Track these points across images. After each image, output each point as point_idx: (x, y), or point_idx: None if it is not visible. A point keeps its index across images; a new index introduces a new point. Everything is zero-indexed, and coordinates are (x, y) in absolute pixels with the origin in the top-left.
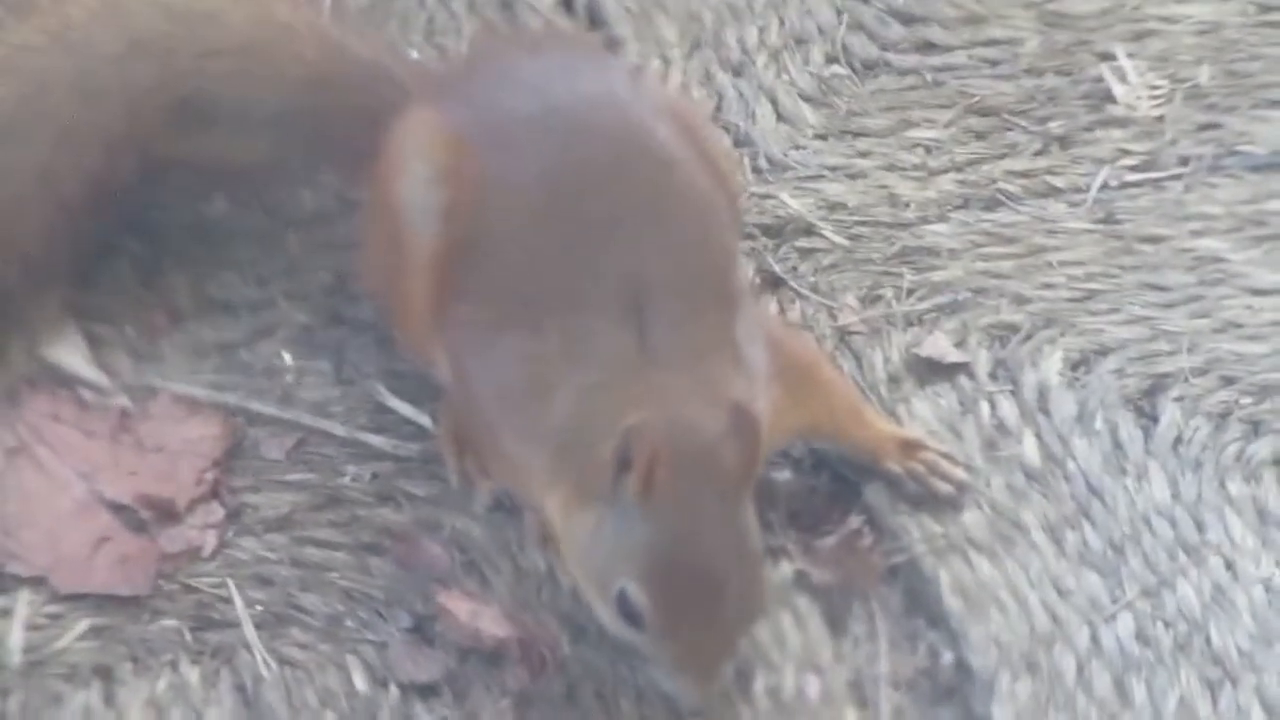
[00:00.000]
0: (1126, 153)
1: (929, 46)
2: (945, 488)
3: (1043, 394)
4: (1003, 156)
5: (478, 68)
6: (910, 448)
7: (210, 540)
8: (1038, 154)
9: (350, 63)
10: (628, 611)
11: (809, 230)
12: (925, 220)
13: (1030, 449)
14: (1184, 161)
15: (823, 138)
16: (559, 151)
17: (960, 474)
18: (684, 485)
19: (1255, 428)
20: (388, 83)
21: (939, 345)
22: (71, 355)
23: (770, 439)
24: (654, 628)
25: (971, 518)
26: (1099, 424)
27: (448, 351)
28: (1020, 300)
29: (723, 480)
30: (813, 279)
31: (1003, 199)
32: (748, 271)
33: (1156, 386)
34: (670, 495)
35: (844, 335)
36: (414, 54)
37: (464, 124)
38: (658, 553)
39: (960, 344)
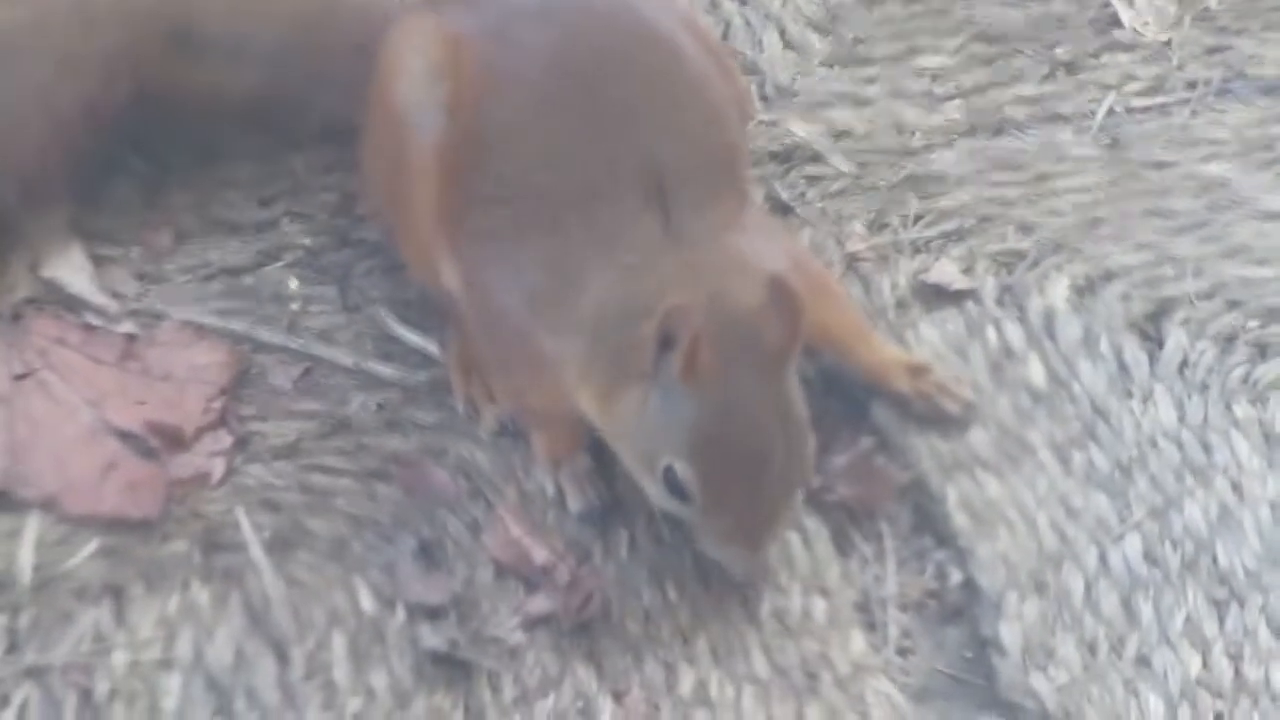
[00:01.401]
0: (1133, 78)
1: None
2: (953, 407)
3: (1049, 319)
4: (1009, 83)
5: None
6: (917, 371)
7: (219, 468)
8: (1044, 80)
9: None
10: (675, 488)
11: (816, 157)
12: (932, 147)
13: (1036, 372)
14: (1191, 86)
15: (829, 65)
16: (565, 42)
17: (967, 394)
18: (727, 362)
19: (1262, 350)
20: (380, 18)
21: (946, 271)
22: (76, 276)
23: None
24: (701, 503)
25: (978, 437)
26: (1104, 347)
27: (461, 265)
28: (1026, 227)
29: (765, 354)
30: (820, 206)
31: (1009, 126)
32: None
33: (1162, 310)
34: (713, 373)
35: (852, 262)
36: None
37: (462, 22)
38: (702, 430)
39: (967, 270)
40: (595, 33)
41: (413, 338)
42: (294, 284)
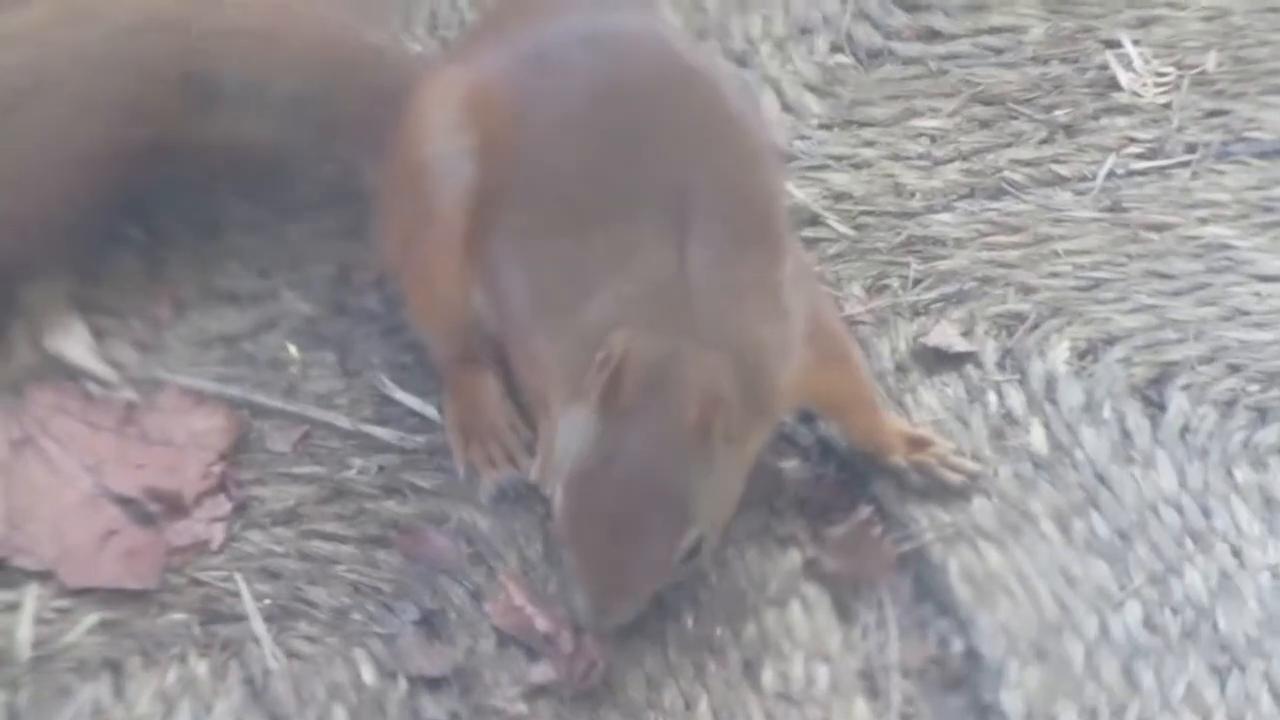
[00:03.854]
0: (1133, 140)
1: (933, 35)
2: (955, 478)
3: (1050, 383)
4: (1008, 145)
5: (510, 12)
6: (918, 444)
7: (217, 534)
8: (1043, 142)
9: (358, 47)
10: (551, 511)
11: (815, 220)
12: (931, 210)
13: (1038, 438)
14: (1191, 149)
15: (827, 127)
16: (607, 67)
17: (971, 466)
18: (643, 412)
19: (1262, 415)
20: (396, 67)
21: (946, 335)
22: (76, 347)
23: (791, 397)
24: (561, 531)
25: (979, 507)
26: (1106, 413)
27: (487, 268)
28: (1027, 289)
29: (681, 427)
30: (818, 269)
31: (1008, 188)
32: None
33: (1163, 375)
34: (623, 414)
35: (850, 325)
36: (417, 48)
37: (494, 63)
38: (587, 462)
39: (967, 333)
40: (641, 64)
41: (411, 401)
42: (293, 350)
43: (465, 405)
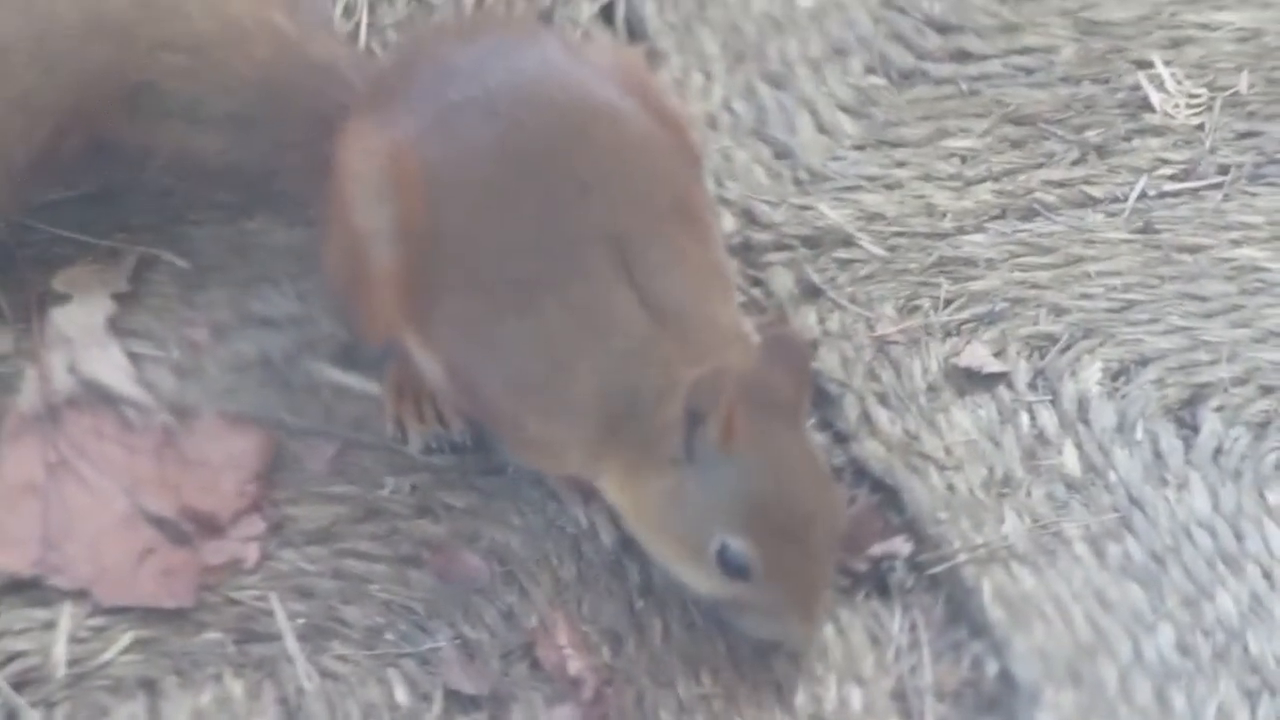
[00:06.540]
0: (1165, 161)
1: (965, 55)
2: None
3: (1082, 404)
4: (1040, 166)
5: (412, 63)
6: None
7: (252, 553)
8: (1075, 163)
9: (302, 67)
10: (731, 564)
11: (847, 241)
12: (962, 230)
13: (1071, 459)
14: (1223, 170)
15: (860, 148)
16: (506, 130)
17: None
18: (759, 427)
19: None
20: (340, 87)
21: (978, 355)
22: (114, 373)
23: None
24: (761, 574)
25: (1013, 528)
26: (1139, 434)
27: (436, 351)
28: (1059, 310)
29: (784, 411)
30: (851, 289)
31: (1040, 209)
32: (709, 196)
33: (1196, 396)
34: (751, 440)
35: (882, 345)
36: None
37: (402, 126)
38: (752, 499)
39: (999, 354)
40: (536, 115)
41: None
42: (327, 374)
43: (404, 367)
